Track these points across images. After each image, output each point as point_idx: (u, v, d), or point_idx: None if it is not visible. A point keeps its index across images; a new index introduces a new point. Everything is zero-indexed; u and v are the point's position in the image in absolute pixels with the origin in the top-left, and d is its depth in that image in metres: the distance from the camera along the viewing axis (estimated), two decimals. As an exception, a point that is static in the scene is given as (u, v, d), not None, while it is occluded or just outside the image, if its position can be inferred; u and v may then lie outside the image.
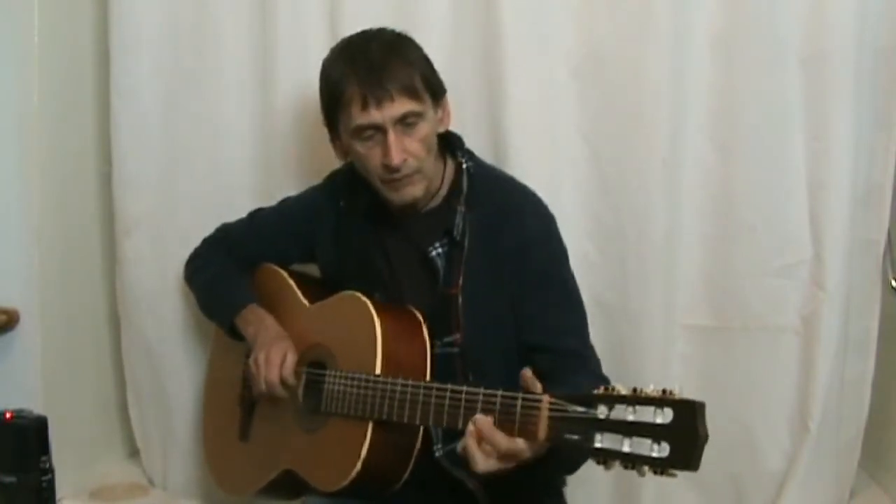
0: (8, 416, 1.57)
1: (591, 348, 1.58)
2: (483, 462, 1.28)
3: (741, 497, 1.90)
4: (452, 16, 1.85)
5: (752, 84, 1.79)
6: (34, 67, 1.90)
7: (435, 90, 1.56)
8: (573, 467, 1.46)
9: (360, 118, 1.49)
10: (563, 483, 1.70)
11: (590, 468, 1.30)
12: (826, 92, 1.77)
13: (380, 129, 1.50)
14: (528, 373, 1.31)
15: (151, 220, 2.04)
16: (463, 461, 1.32)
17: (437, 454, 1.55)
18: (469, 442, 1.29)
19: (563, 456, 1.31)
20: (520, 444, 1.26)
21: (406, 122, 1.50)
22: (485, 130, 1.85)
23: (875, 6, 1.77)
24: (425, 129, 1.52)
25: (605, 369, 1.62)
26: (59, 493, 1.64)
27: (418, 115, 1.51)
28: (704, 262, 1.88)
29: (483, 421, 1.28)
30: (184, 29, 1.99)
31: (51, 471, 1.59)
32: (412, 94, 1.50)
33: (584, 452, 1.18)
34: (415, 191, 1.55)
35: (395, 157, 1.49)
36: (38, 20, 1.89)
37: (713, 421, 1.12)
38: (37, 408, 1.62)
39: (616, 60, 1.81)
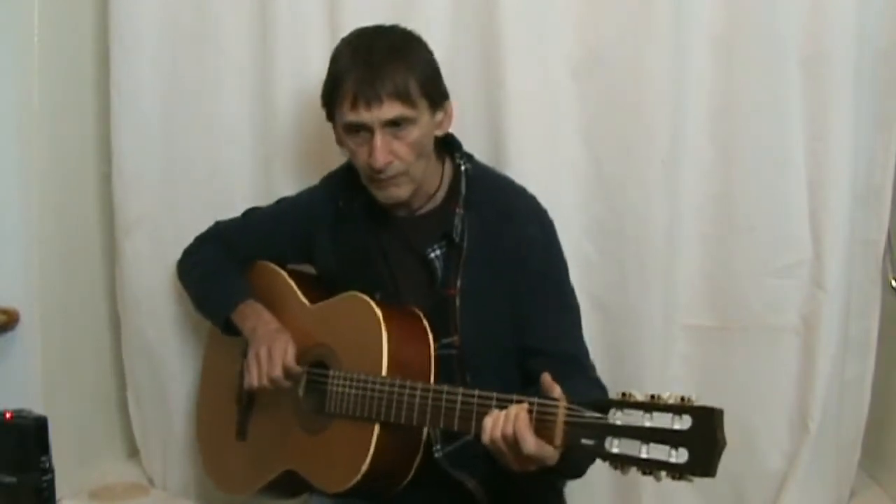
0: (8, 416, 1.57)
1: (586, 352, 1.58)
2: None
3: (741, 497, 1.90)
4: (452, 16, 1.85)
5: (752, 84, 1.79)
6: (34, 67, 1.89)
7: (434, 96, 1.55)
8: (581, 471, 1.46)
9: (349, 116, 1.50)
10: (563, 483, 1.70)
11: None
12: (826, 92, 1.77)
13: (368, 129, 1.50)
14: (548, 377, 1.30)
15: (151, 220, 2.04)
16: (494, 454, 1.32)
17: (436, 455, 1.55)
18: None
19: (574, 461, 1.31)
20: (548, 450, 1.26)
21: (395, 125, 1.50)
22: (485, 130, 1.85)
23: (875, 6, 1.77)
24: (416, 133, 1.52)
25: (605, 369, 1.62)
26: (59, 493, 1.63)
27: (409, 121, 1.51)
28: (704, 262, 1.88)
29: (523, 419, 1.28)
30: (184, 29, 1.99)
31: (51, 471, 1.58)
32: (404, 99, 1.49)
33: (601, 458, 1.19)
34: (399, 192, 1.55)
35: (379, 159, 1.50)
36: (38, 20, 1.89)
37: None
38: (37, 408, 1.62)
39: (616, 60, 1.81)
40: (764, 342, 1.86)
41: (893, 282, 1.90)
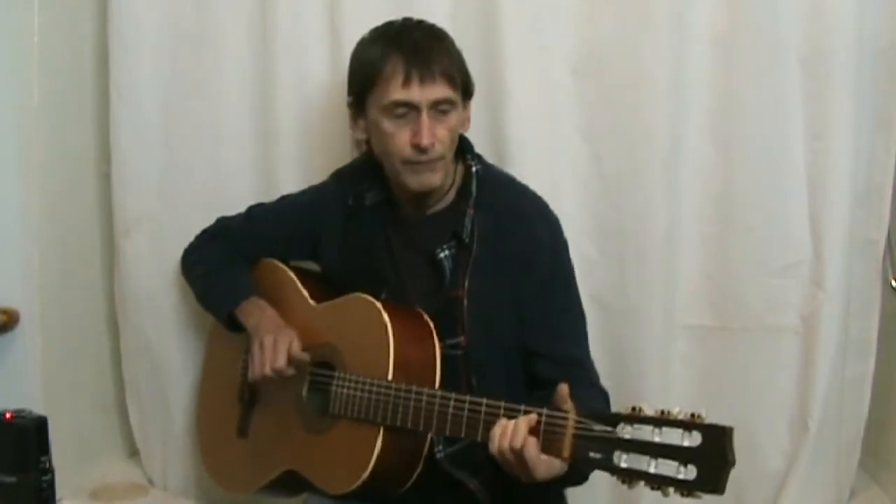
0: (8, 416, 1.57)
1: (590, 358, 1.59)
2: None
3: (741, 497, 1.90)
4: (452, 15, 1.85)
5: (752, 84, 1.79)
6: (34, 67, 1.89)
7: (467, 87, 1.58)
8: (585, 479, 1.46)
9: (398, 93, 1.50)
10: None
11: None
12: (826, 92, 1.77)
13: (414, 109, 1.50)
14: (565, 388, 1.30)
15: (151, 219, 2.03)
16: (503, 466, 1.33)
17: (438, 456, 1.55)
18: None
19: (580, 471, 1.32)
20: (555, 463, 1.26)
21: (440, 109, 1.51)
22: (485, 130, 1.84)
23: (875, 6, 1.77)
24: (455, 119, 1.54)
25: (605, 369, 1.62)
26: (59, 493, 1.63)
27: (452, 104, 1.53)
28: (704, 262, 1.88)
29: (532, 443, 1.28)
30: (184, 29, 1.99)
31: (51, 471, 1.58)
32: (451, 81, 1.52)
33: (609, 472, 1.19)
34: (433, 179, 1.55)
35: (426, 138, 1.49)
36: (38, 20, 1.89)
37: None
38: (37, 408, 1.62)
39: (616, 60, 1.81)
40: (764, 342, 1.86)
41: (893, 282, 1.89)
